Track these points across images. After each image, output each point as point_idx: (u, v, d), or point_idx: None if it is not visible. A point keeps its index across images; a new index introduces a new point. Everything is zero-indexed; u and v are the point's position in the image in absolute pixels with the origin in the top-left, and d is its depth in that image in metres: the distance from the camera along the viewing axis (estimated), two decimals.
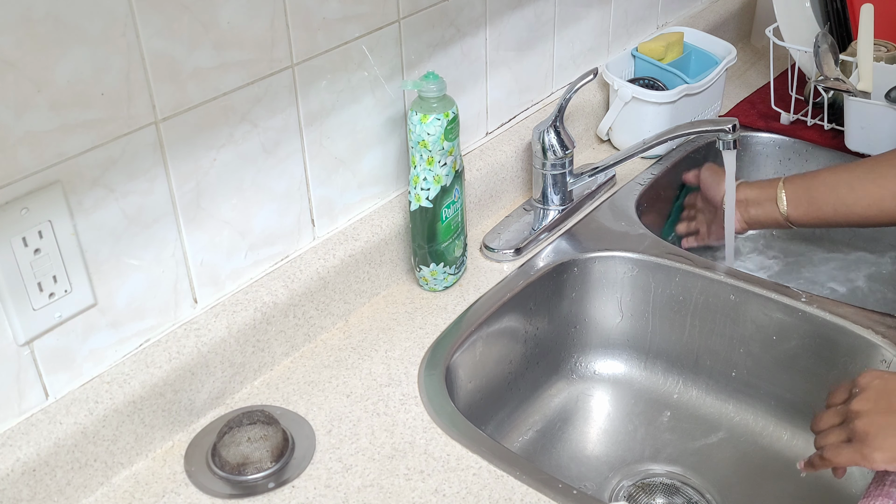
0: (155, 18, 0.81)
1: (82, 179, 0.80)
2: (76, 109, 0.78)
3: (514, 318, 1.13)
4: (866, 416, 0.82)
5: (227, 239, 0.96)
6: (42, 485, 0.81)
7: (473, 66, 1.19)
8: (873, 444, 0.80)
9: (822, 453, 0.86)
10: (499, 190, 1.25)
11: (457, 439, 0.91)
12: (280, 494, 0.86)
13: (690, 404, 1.19)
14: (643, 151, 1.21)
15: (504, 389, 1.14)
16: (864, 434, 0.81)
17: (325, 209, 1.06)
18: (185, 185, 0.89)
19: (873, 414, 0.82)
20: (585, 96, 1.38)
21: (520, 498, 0.85)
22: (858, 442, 0.82)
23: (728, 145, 1.13)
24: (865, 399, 0.83)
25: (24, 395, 0.82)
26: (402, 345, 1.04)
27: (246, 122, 0.93)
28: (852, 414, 0.83)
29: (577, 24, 1.36)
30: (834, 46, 1.36)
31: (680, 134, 1.17)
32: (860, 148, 1.34)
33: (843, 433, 0.84)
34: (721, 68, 1.42)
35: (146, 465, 0.89)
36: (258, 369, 0.99)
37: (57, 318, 0.82)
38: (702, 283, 1.14)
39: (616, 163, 1.24)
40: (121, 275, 0.87)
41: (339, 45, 0.99)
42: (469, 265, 1.16)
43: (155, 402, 0.89)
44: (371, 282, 1.10)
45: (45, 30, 0.73)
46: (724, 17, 1.67)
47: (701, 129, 1.16)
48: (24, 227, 0.77)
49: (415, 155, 1.04)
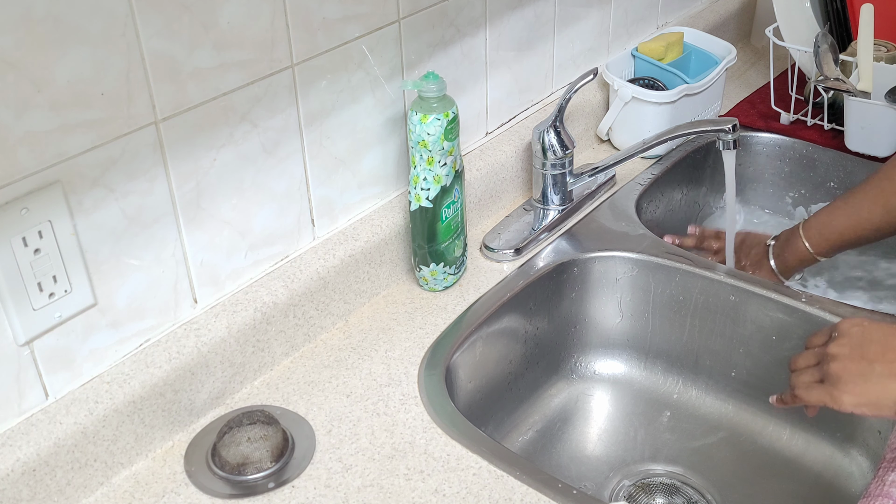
0: (155, 18, 0.81)
1: (82, 179, 0.80)
2: (76, 109, 0.78)
3: (514, 318, 1.13)
4: (840, 360, 0.84)
5: (227, 239, 0.96)
6: (42, 485, 0.81)
7: (473, 66, 1.19)
8: (843, 388, 0.83)
9: (795, 391, 0.89)
10: (499, 190, 1.25)
11: (457, 439, 0.91)
12: (280, 494, 0.86)
13: (690, 404, 1.19)
14: (643, 151, 1.21)
15: (504, 389, 1.14)
16: (836, 377, 0.84)
17: (325, 209, 1.06)
18: (185, 185, 0.89)
19: (847, 359, 0.84)
20: (585, 96, 1.38)
21: (520, 498, 0.85)
22: (830, 384, 0.84)
23: (728, 145, 1.14)
24: (842, 344, 0.85)
25: (24, 395, 0.82)
26: (402, 345, 1.04)
27: (246, 122, 0.93)
28: (828, 356, 0.86)
29: (576, 24, 1.36)
30: (834, 46, 1.36)
31: (680, 134, 1.17)
32: (860, 148, 1.34)
33: (817, 374, 0.87)
34: (721, 68, 1.42)
35: (146, 465, 0.89)
36: (258, 369, 0.99)
37: (57, 318, 0.82)
38: (702, 283, 1.14)
39: (616, 163, 1.24)
40: (121, 275, 0.87)
41: (339, 45, 0.99)
42: (469, 265, 1.16)
43: (155, 402, 0.89)
44: (371, 282, 1.10)
45: (45, 30, 0.73)
46: (724, 17, 1.67)
47: (701, 129, 1.17)
48: (24, 227, 0.77)
49: (415, 155, 1.04)
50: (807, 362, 0.90)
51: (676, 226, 1.40)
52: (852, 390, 0.82)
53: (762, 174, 1.47)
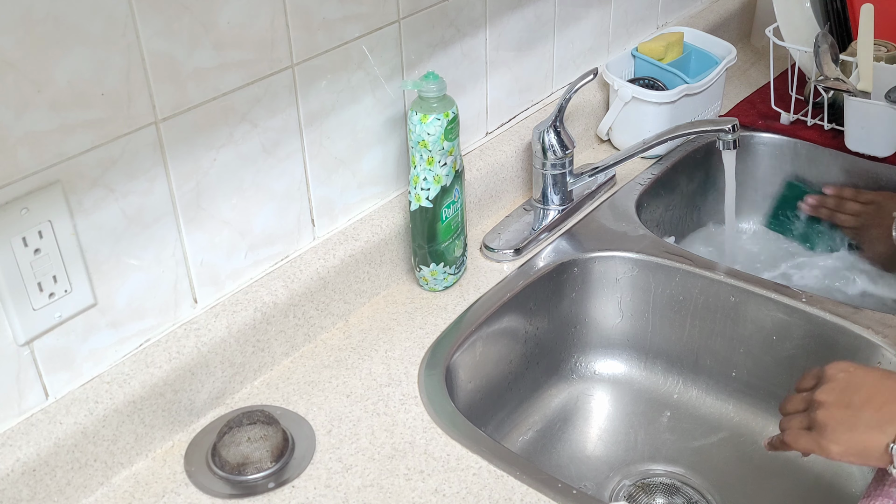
0: (155, 18, 0.81)
1: (82, 179, 0.80)
2: (76, 109, 0.78)
3: (514, 318, 1.13)
4: (826, 407, 0.83)
5: (227, 239, 0.96)
6: (42, 485, 0.81)
7: (473, 66, 1.19)
8: (830, 437, 0.82)
9: (784, 437, 0.88)
10: (499, 190, 1.25)
11: (457, 439, 0.91)
12: (280, 494, 0.86)
13: (690, 404, 1.19)
14: (643, 151, 1.21)
15: (504, 389, 1.14)
16: (822, 425, 0.83)
17: (325, 209, 1.06)
18: (185, 185, 0.89)
19: (833, 406, 0.83)
20: (585, 96, 1.38)
21: (520, 498, 0.85)
22: (817, 432, 0.83)
23: (728, 145, 1.14)
24: (829, 390, 0.84)
25: (24, 395, 0.82)
26: (402, 345, 1.04)
27: (246, 122, 0.93)
28: (815, 403, 0.85)
29: (576, 25, 1.36)
30: (834, 46, 1.36)
31: (680, 134, 1.17)
32: (860, 148, 1.34)
33: (805, 420, 0.86)
34: (721, 68, 1.42)
35: (146, 465, 0.89)
36: (258, 369, 0.99)
37: (57, 318, 0.82)
38: (702, 283, 1.14)
39: (616, 163, 1.24)
40: (121, 275, 0.87)
41: (339, 45, 0.99)
42: (469, 265, 1.16)
43: (155, 402, 0.89)
44: (371, 282, 1.10)
45: (45, 30, 0.73)
46: (724, 17, 1.67)
47: (701, 129, 1.17)
48: (24, 227, 0.77)
49: (415, 155, 1.04)
50: (796, 407, 0.89)
51: (676, 225, 1.40)
52: (839, 439, 0.81)
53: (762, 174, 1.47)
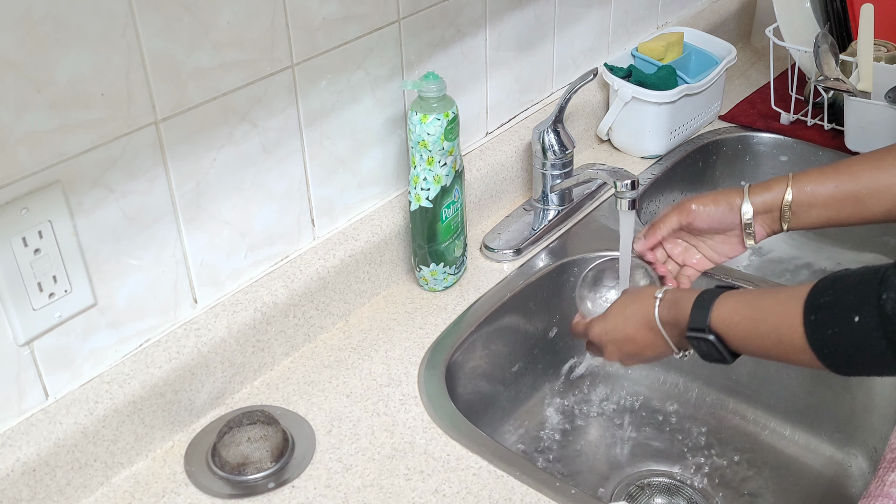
0: (155, 18, 0.81)
1: (82, 179, 0.80)
2: (76, 109, 0.78)
3: (514, 318, 1.13)
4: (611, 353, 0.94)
5: (227, 239, 0.96)
6: (42, 485, 0.81)
7: (473, 66, 1.19)
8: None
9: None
10: (499, 190, 1.25)
11: (457, 439, 0.91)
12: (280, 494, 0.86)
13: (690, 404, 1.19)
14: (576, 186, 1.20)
15: (504, 389, 1.14)
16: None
17: (325, 209, 1.06)
18: (185, 185, 0.89)
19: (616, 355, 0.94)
20: (585, 96, 1.38)
21: (520, 498, 0.85)
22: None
23: (624, 206, 1.01)
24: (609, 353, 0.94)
25: (24, 395, 0.82)
26: (402, 345, 1.04)
27: (246, 122, 0.93)
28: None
29: (577, 24, 1.36)
30: (834, 46, 1.36)
31: (589, 178, 1.15)
32: (860, 148, 1.34)
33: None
34: (721, 68, 1.42)
35: (146, 465, 0.89)
36: (258, 369, 0.99)
37: (57, 318, 0.82)
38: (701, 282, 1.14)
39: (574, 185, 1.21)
40: (121, 275, 0.87)
41: (339, 45, 0.99)
42: (469, 265, 1.16)
43: (155, 402, 0.89)
44: (371, 282, 1.10)
45: (45, 30, 0.73)
46: (724, 17, 1.67)
47: (602, 174, 1.07)
48: (24, 227, 0.77)
49: (415, 155, 1.04)
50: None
51: None
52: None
53: (762, 174, 1.47)
